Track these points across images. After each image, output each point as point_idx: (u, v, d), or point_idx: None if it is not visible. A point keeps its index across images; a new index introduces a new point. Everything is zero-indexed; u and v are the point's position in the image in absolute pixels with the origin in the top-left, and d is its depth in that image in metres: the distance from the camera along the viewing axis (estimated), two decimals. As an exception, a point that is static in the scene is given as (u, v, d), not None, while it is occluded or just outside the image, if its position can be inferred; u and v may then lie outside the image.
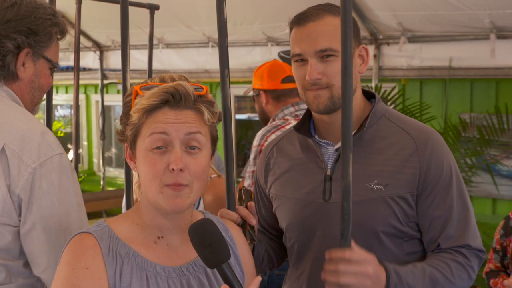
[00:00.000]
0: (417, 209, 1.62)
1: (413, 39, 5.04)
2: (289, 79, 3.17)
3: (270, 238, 1.88)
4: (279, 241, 1.87)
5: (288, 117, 3.18)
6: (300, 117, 1.82)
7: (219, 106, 1.44)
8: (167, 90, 1.29)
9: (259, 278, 1.25)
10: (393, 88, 5.07)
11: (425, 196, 1.61)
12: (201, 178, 1.32)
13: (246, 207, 1.62)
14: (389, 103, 5.01)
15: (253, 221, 1.59)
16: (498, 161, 5.15)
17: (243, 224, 1.59)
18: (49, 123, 2.13)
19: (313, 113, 1.73)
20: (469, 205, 1.66)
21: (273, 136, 2.96)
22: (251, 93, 3.51)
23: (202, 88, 1.35)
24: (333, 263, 1.40)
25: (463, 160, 4.81)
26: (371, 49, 5.26)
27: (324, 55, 1.61)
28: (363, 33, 5.17)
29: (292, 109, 3.21)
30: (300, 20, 1.66)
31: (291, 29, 1.70)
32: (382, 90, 5.07)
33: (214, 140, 1.39)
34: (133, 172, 1.55)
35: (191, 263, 1.37)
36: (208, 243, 1.22)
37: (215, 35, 6.06)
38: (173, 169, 1.27)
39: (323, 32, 1.61)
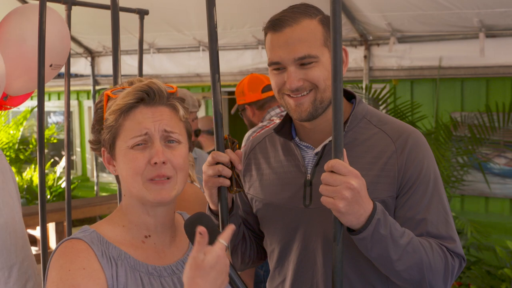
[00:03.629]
0: (394, 211, 1.56)
1: (402, 40, 5.06)
2: (269, 87, 3.28)
3: (248, 229, 1.83)
4: (255, 235, 1.83)
5: (273, 118, 3.24)
6: None
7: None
8: (141, 88, 1.32)
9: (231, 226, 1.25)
10: (383, 88, 5.09)
11: (401, 197, 1.56)
12: (183, 168, 1.36)
13: None
14: (380, 103, 5.03)
15: (240, 166, 1.57)
16: (489, 160, 5.18)
17: (232, 169, 1.58)
18: (41, 130, 2.12)
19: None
20: (447, 210, 1.59)
21: None
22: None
23: (172, 87, 1.39)
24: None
25: (454, 159, 4.83)
26: (361, 50, 5.29)
27: (303, 62, 1.55)
28: (353, 34, 5.20)
29: (278, 110, 3.27)
30: (275, 26, 1.57)
31: (265, 34, 1.62)
32: (372, 91, 5.09)
33: (189, 135, 1.42)
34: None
35: (179, 261, 1.40)
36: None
37: (206, 39, 6.07)
38: (155, 163, 1.30)
39: (301, 39, 1.54)
